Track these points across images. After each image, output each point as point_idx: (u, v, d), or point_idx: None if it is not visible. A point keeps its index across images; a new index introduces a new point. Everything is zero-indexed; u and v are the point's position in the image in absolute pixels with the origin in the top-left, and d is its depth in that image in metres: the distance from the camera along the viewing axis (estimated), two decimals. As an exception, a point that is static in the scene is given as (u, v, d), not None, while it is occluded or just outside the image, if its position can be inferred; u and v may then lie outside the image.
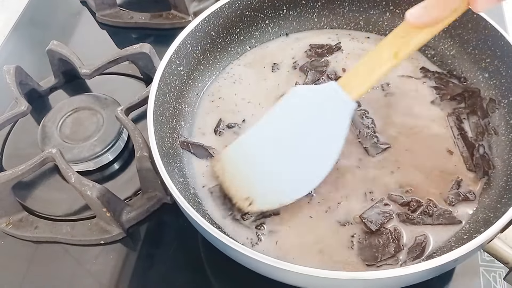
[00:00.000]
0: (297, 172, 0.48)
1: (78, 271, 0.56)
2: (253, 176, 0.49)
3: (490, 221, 0.43)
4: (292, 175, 0.48)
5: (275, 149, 0.49)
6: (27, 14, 0.89)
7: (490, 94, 0.55)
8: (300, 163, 0.48)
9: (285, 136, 0.49)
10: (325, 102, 0.48)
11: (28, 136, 0.67)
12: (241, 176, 0.49)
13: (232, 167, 0.50)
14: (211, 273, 0.55)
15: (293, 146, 0.48)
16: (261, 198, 0.48)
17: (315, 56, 0.63)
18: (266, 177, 0.49)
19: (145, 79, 0.73)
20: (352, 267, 0.45)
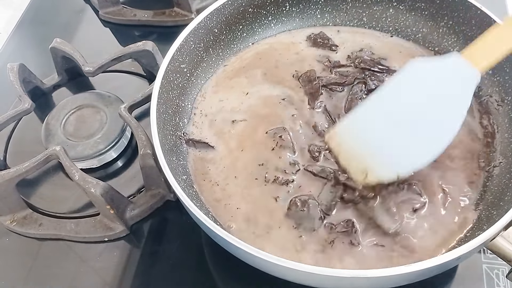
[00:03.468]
0: (414, 145, 0.47)
1: (82, 268, 0.56)
2: (370, 148, 0.48)
3: (493, 219, 0.43)
4: (409, 148, 0.48)
5: (393, 121, 0.48)
6: (31, 12, 0.90)
7: (493, 91, 0.55)
8: (418, 135, 0.47)
9: (404, 109, 0.48)
10: (448, 74, 0.46)
11: (31, 134, 0.68)
12: (358, 149, 0.49)
13: (348, 141, 0.50)
14: (214, 270, 0.55)
15: (411, 118, 0.48)
16: (378, 170, 0.48)
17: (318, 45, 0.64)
18: (383, 149, 0.48)
19: (148, 76, 0.73)
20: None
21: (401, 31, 0.64)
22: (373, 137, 0.49)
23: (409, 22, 0.63)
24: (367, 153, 0.48)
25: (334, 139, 0.51)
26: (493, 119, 0.54)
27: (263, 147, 0.54)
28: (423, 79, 0.48)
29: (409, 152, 0.48)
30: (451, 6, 0.58)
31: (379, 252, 0.46)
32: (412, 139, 0.48)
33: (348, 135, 0.50)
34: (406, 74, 0.49)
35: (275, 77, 0.61)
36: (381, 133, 0.48)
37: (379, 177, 0.48)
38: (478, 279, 0.51)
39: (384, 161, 0.48)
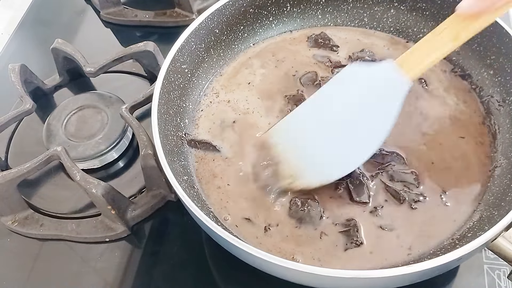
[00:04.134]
0: (343, 150, 0.48)
1: (83, 268, 0.56)
2: (299, 152, 0.49)
3: (494, 219, 0.43)
4: (338, 153, 0.48)
5: (324, 125, 0.49)
6: (32, 12, 0.90)
7: (494, 91, 0.55)
8: (347, 141, 0.48)
9: (336, 112, 0.49)
10: (380, 79, 0.47)
11: (33, 134, 0.68)
12: (289, 152, 0.50)
13: (282, 143, 0.50)
14: (215, 270, 0.55)
15: (342, 121, 0.48)
16: (303, 177, 0.48)
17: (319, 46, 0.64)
18: (312, 154, 0.49)
19: (149, 77, 0.73)
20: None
21: (402, 31, 0.64)
22: (302, 142, 0.49)
23: (410, 22, 0.63)
24: (296, 157, 0.49)
25: (270, 139, 0.52)
26: (494, 120, 0.54)
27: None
28: (356, 83, 0.48)
29: (337, 157, 0.48)
30: (452, 6, 0.57)
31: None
32: (341, 143, 0.48)
33: (281, 137, 0.51)
34: (340, 77, 0.49)
35: (275, 78, 0.61)
36: (310, 138, 0.49)
37: (301, 184, 0.49)
38: (479, 279, 0.51)
39: (309, 167, 0.49)
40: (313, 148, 0.49)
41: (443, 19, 0.59)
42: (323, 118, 0.49)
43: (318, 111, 0.49)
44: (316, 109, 0.49)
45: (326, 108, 0.49)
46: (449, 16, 0.59)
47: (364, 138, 0.48)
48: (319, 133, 0.49)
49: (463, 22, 0.44)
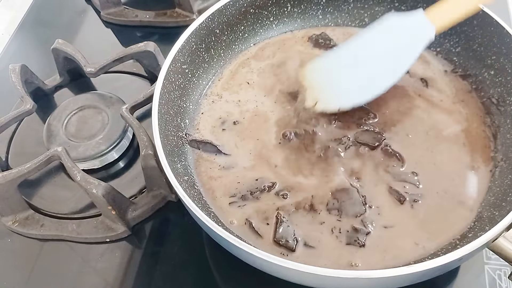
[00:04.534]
0: (364, 81, 0.55)
1: (84, 269, 0.56)
2: (328, 81, 0.56)
3: (495, 219, 0.43)
4: (360, 83, 0.55)
5: (352, 60, 0.56)
6: (32, 13, 0.90)
7: (495, 92, 0.55)
8: (369, 74, 0.55)
9: (365, 50, 0.56)
10: (409, 26, 0.54)
11: (33, 135, 0.68)
12: (319, 82, 0.56)
13: (315, 75, 0.57)
14: (215, 270, 0.55)
15: (368, 58, 0.55)
16: (325, 101, 0.55)
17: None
18: (336, 84, 0.56)
19: (150, 77, 0.73)
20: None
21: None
22: (333, 74, 0.56)
23: (411, 22, 0.63)
24: (324, 86, 0.56)
25: (306, 73, 0.58)
26: (495, 120, 0.54)
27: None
28: (389, 29, 0.55)
29: (358, 87, 0.55)
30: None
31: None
32: (363, 76, 0.55)
33: (315, 70, 0.57)
34: (377, 25, 0.56)
35: (276, 78, 0.61)
36: (340, 71, 0.56)
37: (324, 107, 0.55)
38: (480, 280, 0.51)
39: (332, 95, 0.55)
40: (338, 79, 0.56)
41: (444, 19, 0.60)
42: (353, 55, 0.56)
43: (351, 49, 0.56)
44: (349, 48, 0.57)
45: (358, 47, 0.56)
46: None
47: (384, 73, 0.55)
48: (346, 66, 0.56)
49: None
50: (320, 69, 0.57)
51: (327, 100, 0.55)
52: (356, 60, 0.56)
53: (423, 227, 0.48)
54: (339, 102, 0.55)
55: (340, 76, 0.56)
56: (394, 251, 0.46)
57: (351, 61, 0.56)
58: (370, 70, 0.55)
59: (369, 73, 0.55)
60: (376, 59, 0.55)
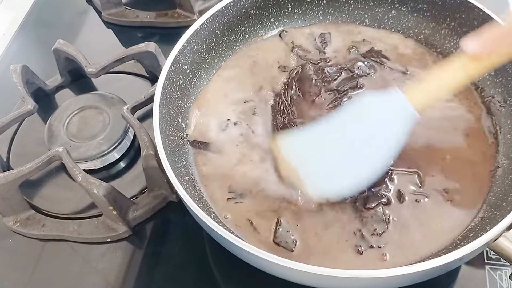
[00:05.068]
0: (347, 171, 0.49)
1: (85, 269, 0.56)
2: (304, 166, 0.50)
3: (496, 219, 0.43)
4: (342, 174, 0.49)
5: (331, 146, 0.49)
6: (34, 13, 0.90)
7: (496, 92, 0.55)
8: (351, 163, 0.49)
9: (344, 135, 0.49)
10: (388, 109, 0.48)
11: (34, 135, 0.68)
12: (295, 164, 0.50)
13: (287, 151, 0.51)
14: (216, 270, 0.55)
15: (349, 145, 0.49)
16: (308, 189, 0.49)
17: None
18: (316, 170, 0.49)
19: (151, 77, 0.73)
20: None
21: (403, 32, 0.64)
22: (309, 155, 0.50)
23: (411, 23, 0.63)
24: (301, 171, 0.50)
25: (277, 146, 0.52)
26: (495, 120, 0.54)
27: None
28: (367, 110, 0.49)
29: (340, 178, 0.49)
30: (453, 7, 0.58)
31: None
32: (346, 165, 0.49)
33: (288, 146, 0.52)
34: (352, 105, 0.51)
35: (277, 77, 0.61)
36: (318, 153, 0.50)
37: (308, 197, 0.49)
38: (481, 280, 0.51)
39: (313, 181, 0.49)
40: (317, 163, 0.50)
41: (444, 20, 0.60)
42: (331, 139, 0.50)
43: (327, 131, 0.50)
44: (325, 129, 0.50)
45: (335, 130, 0.50)
46: (449, 17, 0.59)
47: (370, 162, 0.48)
48: (325, 150, 0.49)
49: (471, 59, 0.43)
50: (297, 150, 0.52)
51: (309, 188, 0.49)
52: (334, 141, 0.50)
53: (424, 228, 0.48)
54: (321, 192, 0.49)
55: (321, 160, 0.50)
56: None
57: (329, 143, 0.50)
58: (356, 153, 0.49)
59: (355, 157, 0.49)
60: (359, 140, 0.49)
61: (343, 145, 0.49)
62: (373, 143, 0.48)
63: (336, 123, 0.50)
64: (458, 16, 0.58)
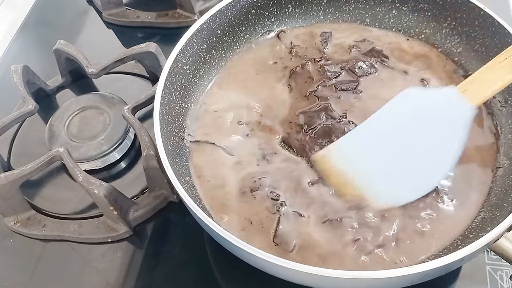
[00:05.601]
0: (408, 175, 0.47)
1: (86, 269, 0.56)
2: (360, 173, 0.48)
3: (497, 220, 0.43)
4: (402, 177, 0.47)
5: (386, 148, 0.48)
6: (34, 14, 0.90)
7: (497, 92, 0.55)
8: (411, 166, 0.47)
9: (397, 137, 0.48)
10: (442, 106, 0.47)
11: (35, 135, 0.68)
12: (348, 173, 0.49)
13: (339, 162, 0.49)
14: (216, 271, 0.55)
15: (404, 147, 0.47)
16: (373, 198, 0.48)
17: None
18: (380, 176, 0.48)
19: (151, 78, 0.73)
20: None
21: (404, 32, 0.64)
22: (364, 161, 0.48)
23: (412, 23, 0.63)
24: (357, 177, 0.48)
25: (323, 161, 0.51)
26: (496, 120, 0.54)
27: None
28: (418, 108, 0.48)
29: (401, 181, 0.48)
30: (454, 7, 0.58)
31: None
32: (405, 168, 0.48)
33: (337, 158, 0.50)
34: (399, 100, 0.49)
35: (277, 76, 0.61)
36: (374, 159, 0.48)
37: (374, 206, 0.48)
38: (481, 280, 0.51)
39: (377, 190, 0.48)
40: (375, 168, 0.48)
41: (445, 19, 0.60)
42: (382, 141, 0.48)
43: (376, 134, 0.49)
44: (373, 132, 0.49)
45: (384, 131, 0.48)
46: (450, 16, 0.59)
47: (432, 162, 0.47)
48: (380, 154, 0.48)
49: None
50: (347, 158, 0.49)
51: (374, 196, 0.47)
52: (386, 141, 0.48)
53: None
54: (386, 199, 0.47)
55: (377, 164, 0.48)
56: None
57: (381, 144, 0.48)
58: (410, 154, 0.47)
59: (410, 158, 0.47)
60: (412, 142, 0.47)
61: (399, 145, 0.47)
62: (432, 141, 0.47)
63: (385, 121, 0.48)
64: (459, 16, 0.58)
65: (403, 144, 0.48)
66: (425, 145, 0.47)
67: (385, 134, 0.48)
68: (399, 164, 0.48)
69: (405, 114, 0.48)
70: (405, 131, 0.48)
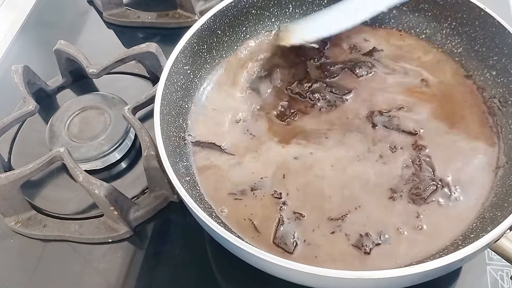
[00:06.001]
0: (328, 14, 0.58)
1: (86, 269, 0.56)
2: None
3: (497, 220, 0.43)
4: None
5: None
6: (35, 14, 0.90)
7: (497, 92, 0.55)
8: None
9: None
10: None
11: (36, 135, 0.68)
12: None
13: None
14: (217, 271, 0.55)
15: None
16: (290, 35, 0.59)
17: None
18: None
19: (152, 78, 0.73)
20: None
21: (404, 32, 0.64)
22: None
23: (413, 23, 0.63)
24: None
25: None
26: (497, 121, 0.54)
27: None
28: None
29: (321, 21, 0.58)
30: (455, 7, 0.58)
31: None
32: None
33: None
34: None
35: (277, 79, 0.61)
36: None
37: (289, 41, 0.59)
38: (482, 280, 0.51)
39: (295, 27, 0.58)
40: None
41: (445, 19, 0.60)
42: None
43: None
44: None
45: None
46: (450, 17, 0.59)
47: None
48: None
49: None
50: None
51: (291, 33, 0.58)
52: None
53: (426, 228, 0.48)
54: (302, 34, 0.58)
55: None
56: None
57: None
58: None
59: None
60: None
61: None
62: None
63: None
64: (460, 16, 0.58)
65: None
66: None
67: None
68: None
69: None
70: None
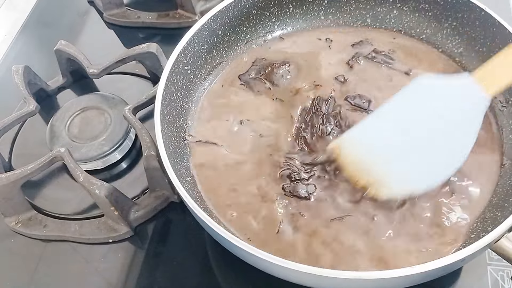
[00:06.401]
0: (421, 165, 0.47)
1: (86, 269, 0.56)
2: (377, 162, 0.48)
3: (498, 220, 0.43)
4: (414, 167, 0.47)
5: (400, 136, 0.47)
6: (35, 14, 0.90)
7: (498, 92, 0.55)
8: (424, 155, 0.47)
9: (410, 125, 0.47)
10: (456, 95, 0.45)
11: (36, 136, 0.68)
12: (365, 162, 0.48)
13: (355, 153, 0.49)
14: (217, 271, 0.55)
15: (418, 136, 0.47)
16: (387, 186, 0.47)
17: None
18: (391, 164, 0.47)
19: (152, 78, 0.73)
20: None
21: (405, 32, 0.64)
22: (380, 151, 0.48)
23: (413, 23, 0.63)
24: (374, 166, 0.47)
25: (338, 150, 0.50)
26: (498, 121, 0.54)
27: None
28: (431, 96, 0.47)
29: (418, 169, 0.47)
30: (455, 7, 0.58)
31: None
32: (421, 157, 0.47)
33: (353, 147, 0.49)
34: (413, 88, 0.48)
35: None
36: (388, 147, 0.47)
37: (388, 193, 0.47)
38: (482, 281, 0.51)
39: (393, 178, 0.47)
40: (391, 158, 0.47)
41: (446, 20, 0.60)
42: (398, 128, 0.47)
43: (392, 120, 0.48)
44: (387, 120, 0.48)
45: (400, 117, 0.48)
46: (451, 17, 0.59)
47: (446, 151, 0.46)
48: (395, 143, 0.47)
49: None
50: (363, 146, 0.49)
51: (388, 184, 0.47)
52: (402, 129, 0.47)
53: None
54: (403, 186, 0.47)
55: (393, 151, 0.47)
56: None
57: (398, 132, 0.47)
58: (426, 141, 0.46)
59: (427, 145, 0.47)
60: (427, 127, 0.47)
61: (411, 134, 0.47)
62: (444, 131, 0.46)
63: (397, 109, 0.47)
64: (460, 16, 0.58)
65: (414, 134, 0.47)
66: (437, 134, 0.46)
67: (397, 122, 0.48)
68: (411, 153, 0.47)
69: (418, 102, 0.47)
70: (417, 120, 0.47)
